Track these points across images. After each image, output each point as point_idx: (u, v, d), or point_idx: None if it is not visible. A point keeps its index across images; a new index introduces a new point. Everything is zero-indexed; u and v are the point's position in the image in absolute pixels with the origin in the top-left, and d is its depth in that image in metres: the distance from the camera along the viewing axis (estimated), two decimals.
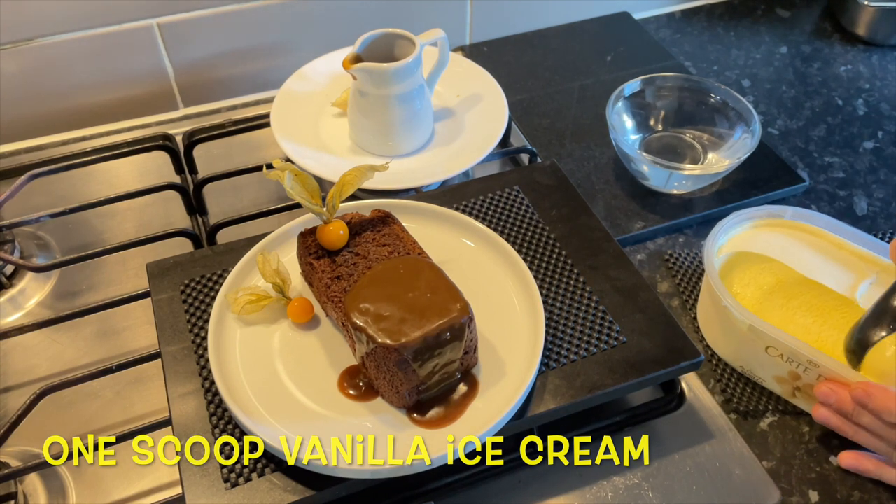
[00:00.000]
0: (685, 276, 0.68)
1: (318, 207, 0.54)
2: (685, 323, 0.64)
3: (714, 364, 0.61)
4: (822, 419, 0.54)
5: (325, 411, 0.49)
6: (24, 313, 0.65)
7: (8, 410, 0.58)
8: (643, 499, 0.53)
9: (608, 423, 0.56)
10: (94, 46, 0.78)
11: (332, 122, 0.75)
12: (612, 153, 0.79)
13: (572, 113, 0.84)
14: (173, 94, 0.84)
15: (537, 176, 0.66)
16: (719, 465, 0.55)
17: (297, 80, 0.77)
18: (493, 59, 0.91)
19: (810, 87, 0.89)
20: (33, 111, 0.80)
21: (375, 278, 0.51)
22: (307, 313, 0.54)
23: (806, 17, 1.01)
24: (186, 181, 0.75)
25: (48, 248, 0.71)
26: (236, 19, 0.81)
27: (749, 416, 0.58)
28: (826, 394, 0.53)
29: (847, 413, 0.52)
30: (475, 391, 0.50)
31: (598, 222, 0.62)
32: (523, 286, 0.55)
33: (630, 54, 0.93)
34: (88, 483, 0.54)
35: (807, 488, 0.55)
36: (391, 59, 0.68)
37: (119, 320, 0.64)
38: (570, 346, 0.53)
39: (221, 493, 0.46)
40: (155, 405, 0.59)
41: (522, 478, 0.54)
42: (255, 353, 0.53)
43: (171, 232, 0.66)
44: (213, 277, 0.58)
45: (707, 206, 0.73)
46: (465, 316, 0.48)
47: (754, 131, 0.72)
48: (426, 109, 0.72)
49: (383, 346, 0.46)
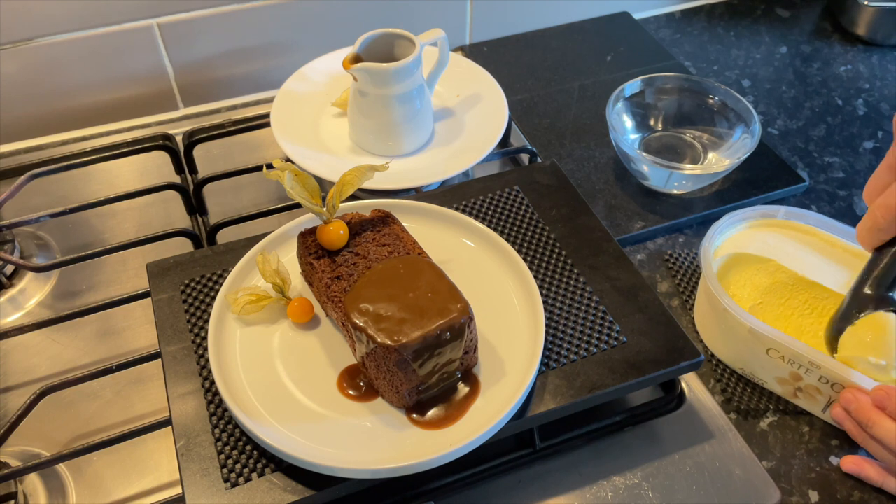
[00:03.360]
0: (685, 276, 0.68)
1: (318, 207, 0.54)
2: (685, 323, 0.64)
3: (714, 364, 0.61)
4: (839, 419, 0.55)
5: (325, 411, 0.49)
6: (24, 313, 0.65)
7: (8, 410, 0.58)
8: (643, 499, 0.53)
9: (608, 423, 0.56)
10: (94, 46, 0.78)
11: (332, 122, 0.75)
12: (612, 153, 0.79)
13: (572, 113, 0.84)
14: (173, 94, 0.84)
15: (537, 176, 0.66)
16: (719, 465, 0.55)
17: (297, 80, 0.77)
18: (493, 59, 0.91)
19: (810, 87, 0.89)
20: (33, 111, 0.80)
21: (375, 278, 0.51)
22: (307, 313, 0.54)
23: (806, 17, 1.01)
24: (186, 181, 0.75)
25: (48, 248, 0.71)
26: (236, 19, 0.81)
27: (749, 416, 0.58)
28: (848, 399, 0.53)
29: (863, 422, 0.53)
30: (476, 393, 0.50)
31: (598, 222, 0.62)
32: (523, 286, 0.55)
33: (630, 54, 0.93)
34: (88, 483, 0.54)
35: (807, 488, 0.55)
36: (391, 59, 0.68)
37: (119, 320, 0.64)
38: (570, 346, 0.53)
39: (221, 493, 0.46)
40: (155, 405, 0.59)
41: (522, 478, 0.54)
42: (255, 353, 0.53)
43: (171, 232, 0.66)
44: (213, 277, 0.58)
45: (707, 206, 0.73)
46: (465, 316, 0.48)
47: (754, 131, 0.72)
48: (426, 109, 0.72)
49: (383, 346, 0.46)
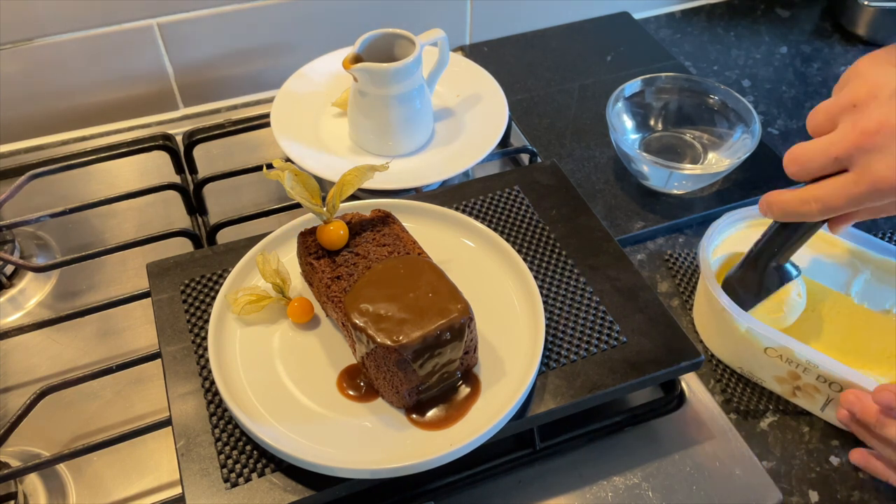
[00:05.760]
0: (685, 276, 0.68)
1: (318, 207, 0.54)
2: (685, 323, 0.64)
3: (714, 364, 0.61)
4: (844, 421, 0.55)
5: (325, 411, 0.49)
6: (24, 313, 0.65)
7: (8, 410, 0.58)
8: (643, 499, 0.53)
9: (608, 423, 0.56)
10: (94, 46, 0.78)
11: (332, 122, 0.75)
12: (612, 153, 0.79)
13: (572, 113, 0.84)
14: (173, 94, 0.84)
15: (537, 176, 0.66)
16: (719, 465, 0.55)
17: (297, 80, 0.77)
18: (493, 59, 0.91)
19: (810, 87, 0.89)
20: (33, 111, 0.80)
21: (375, 278, 0.51)
22: (307, 313, 0.54)
23: (806, 17, 1.01)
24: (186, 181, 0.75)
25: (48, 248, 0.71)
26: (236, 19, 0.81)
27: (749, 416, 0.58)
28: (851, 402, 0.52)
29: (870, 424, 0.51)
30: (476, 393, 0.50)
31: (598, 222, 0.62)
32: (523, 286, 0.55)
33: (630, 54, 0.93)
34: (88, 483, 0.54)
35: (807, 488, 0.55)
36: (391, 59, 0.68)
37: (119, 320, 0.64)
38: (570, 346, 0.53)
39: (221, 493, 0.46)
40: (155, 405, 0.59)
41: (522, 478, 0.54)
42: (255, 353, 0.53)
43: (171, 232, 0.66)
44: (213, 277, 0.58)
45: (707, 206, 0.73)
46: (465, 316, 0.48)
47: (754, 131, 0.72)
48: (426, 109, 0.72)
49: (383, 346, 0.46)
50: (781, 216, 0.51)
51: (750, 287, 0.57)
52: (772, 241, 0.55)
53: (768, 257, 0.55)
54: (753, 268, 0.57)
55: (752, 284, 0.57)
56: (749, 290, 0.57)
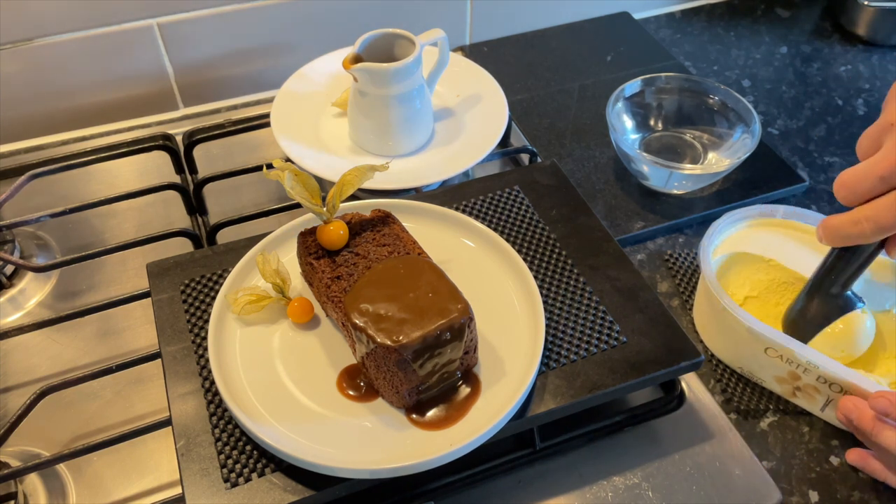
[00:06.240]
0: (685, 276, 0.68)
1: (318, 207, 0.54)
2: (685, 323, 0.64)
3: (714, 364, 0.61)
4: (845, 422, 0.54)
5: (325, 411, 0.49)
6: (24, 313, 0.65)
7: (8, 410, 0.58)
8: (643, 499, 0.53)
9: (608, 423, 0.56)
10: (94, 46, 0.78)
11: (332, 122, 0.75)
12: (612, 153, 0.79)
13: (572, 113, 0.84)
14: (173, 94, 0.84)
15: (537, 176, 0.66)
16: (719, 465, 0.55)
17: (297, 80, 0.77)
18: (493, 59, 0.91)
19: (810, 87, 0.89)
20: (33, 111, 0.80)
21: (375, 278, 0.51)
22: (307, 313, 0.54)
23: (806, 17, 1.01)
24: (186, 181, 0.75)
25: (48, 248, 0.71)
26: (236, 19, 0.81)
27: (749, 416, 0.58)
28: (849, 409, 0.53)
29: (866, 432, 0.52)
30: (477, 393, 0.50)
31: (598, 222, 0.62)
32: (523, 286, 0.55)
33: (630, 54, 0.93)
34: (88, 483, 0.54)
35: (807, 488, 0.55)
36: (391, 59, 0.68)
37: (119, 320, 0.64)
38: (570, 346, 0.53)
39: (221, 493, 0.46)
40: (155, 405, 0.59)
41: (522, 478, 0.54)
42: (255, 353, 0.53)
43: (171, 232, 0.66)
44: (213, 277, 0.58)
45: (707, 206, 0.73)
46: (465, 316, 0.48)
47: (754, 131, 0.72)
48: (426, 109, 0.72)
49: (383, 346, 0.46)
50: (836, 240, 0.51)
51: (812, 317, 0.56)
52: (831, 269, 0.54)
53: (829, 285, 0.54)
54: (814, 297, 0.55)
55: (813, 314, 0.56)
56: (811, 321, 0.56)
